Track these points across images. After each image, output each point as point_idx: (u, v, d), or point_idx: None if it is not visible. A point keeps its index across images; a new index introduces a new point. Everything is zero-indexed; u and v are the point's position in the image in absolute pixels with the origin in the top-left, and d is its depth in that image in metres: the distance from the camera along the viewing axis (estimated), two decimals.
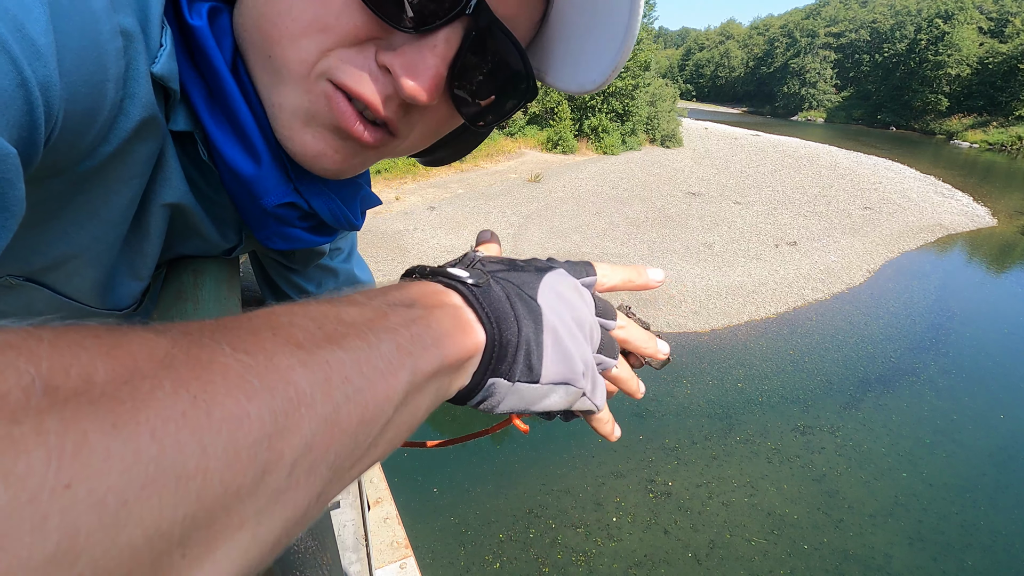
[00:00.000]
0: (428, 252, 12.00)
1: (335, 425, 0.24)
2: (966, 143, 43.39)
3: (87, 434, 0.15)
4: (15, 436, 0.14)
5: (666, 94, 29.29)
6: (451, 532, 5.89)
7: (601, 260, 0.48)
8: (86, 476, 0.15)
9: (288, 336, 0.24)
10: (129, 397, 0.17)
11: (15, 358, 0.16)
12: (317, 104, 0.42)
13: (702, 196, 18.57)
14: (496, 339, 0.38)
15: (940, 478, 7.08)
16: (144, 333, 0.20)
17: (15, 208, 0.28)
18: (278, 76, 0.42)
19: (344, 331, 0.27)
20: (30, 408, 0.15)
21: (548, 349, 0.40)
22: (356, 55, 0.40)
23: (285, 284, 0.77)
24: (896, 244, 15.33)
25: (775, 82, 70.12)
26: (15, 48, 0.26)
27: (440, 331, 0.33)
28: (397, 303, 0.33)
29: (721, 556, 5.81)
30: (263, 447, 0.20)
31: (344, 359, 0.25)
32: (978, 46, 50.49)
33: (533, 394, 0.40)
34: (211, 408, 0.19)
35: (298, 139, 0.43)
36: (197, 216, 0.50)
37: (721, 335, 10.11)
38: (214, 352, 0.21)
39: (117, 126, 0.36)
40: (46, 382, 0.16)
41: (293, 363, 0.23)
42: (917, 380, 9.19)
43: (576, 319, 0.42)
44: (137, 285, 0.52)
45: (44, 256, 0.41)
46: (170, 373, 0.19)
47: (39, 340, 0.17)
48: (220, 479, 0.18)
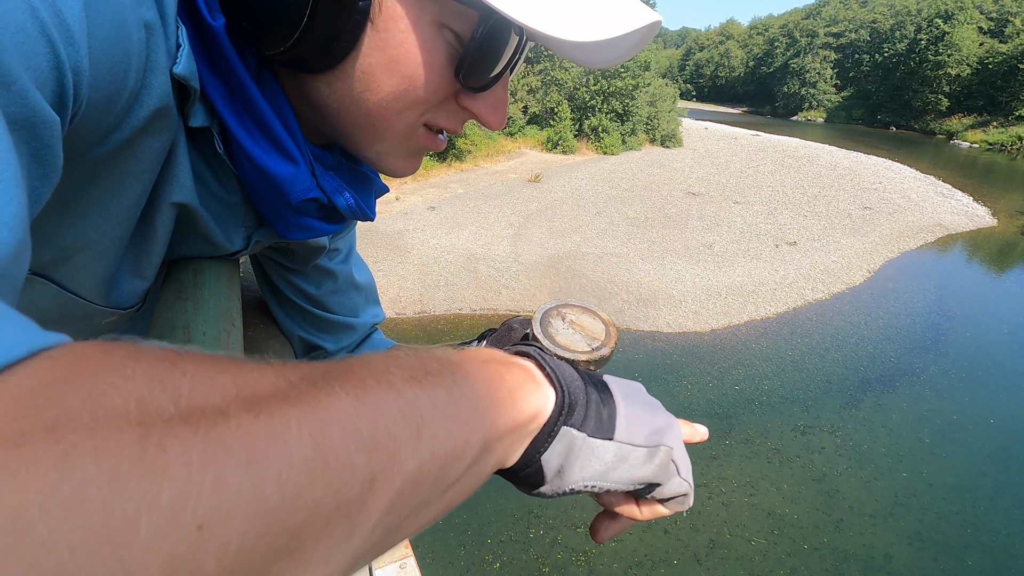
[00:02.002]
0: (428, 252, 12.00)
1: (417, 484, 0.24)
2: (966, 143, 43.36)
3: (224, 472, 0.16)
4: (159, 465, 0.15)
5: (666, 94, 29.29)
6: (451, 532, 5.89)
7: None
8: (218, 518, 0.16)
9: (387, 381, 0.25)
10: (259, 435, 0.18)
11: (159, 389, 0.17)
12: (416, 142, 0.51)
13: (702, 196, 18.57)
14: (564, 392, 0.38)
15: (940, 478, 7.08)
16: (266, 369, 0.22)
17: (52, 175, 0.30)
18: (383, 136, 0.49)
19: (433, 381, 0.27)
20: (172, 437, 0.16)
21: (621, 407, 0.41)
22: (445, 104, 0.49)
23: (284, 285, 0.77)
24: (896, 244, 15.32)
25: (775, 82, 70.10)
26: (53, 32, 0.27)
27: (513, 383, 0.34)
28: (474, 359, 0.34)
29: (721, 556, 5.81)
30: (359, 503, 0.21)
31: (433, 411, 0.26)
32: (978, 46, 50.46)
33: (608, 454, 0.39)
34: (327, 457, 0.20)
35: (401, 168, 0.52)
36: (203, 218, 0.51)
37: (721, 335, 10.11)
38: (330, 395, 0.22)
39: (132, 115, 0.38)
40: (186, 413, 0.17)
41: (395, 414, 0.24)
42: (917, 380, 9.19)
43: (646, 399, 0.45)
44: (141, 284, 0.53)
45: (52, 247, 0.42)
46: (294, 412, 0.20)
47: (183, 373, 0.18)
48: (318, 535, 0.19)
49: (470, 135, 20.25)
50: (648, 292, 11.26)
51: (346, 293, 0.82)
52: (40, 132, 0.27)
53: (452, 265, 11.58)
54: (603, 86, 25.31)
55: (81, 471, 0.14)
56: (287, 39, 0.41)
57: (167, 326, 0.49)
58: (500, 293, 10.75)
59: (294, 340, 0.82)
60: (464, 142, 19.95)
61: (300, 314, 0.80)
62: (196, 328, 0.49)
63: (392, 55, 0.43)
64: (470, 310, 10.22)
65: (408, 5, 0.42)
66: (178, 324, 0.49)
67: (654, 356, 9.30)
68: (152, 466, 0.15)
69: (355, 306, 0.84)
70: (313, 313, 0.79)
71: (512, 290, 10.86)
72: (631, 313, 10.49)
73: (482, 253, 12.29)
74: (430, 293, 10.55)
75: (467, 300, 10.45)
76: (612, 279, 11.66)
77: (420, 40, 0.43)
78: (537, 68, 24.90)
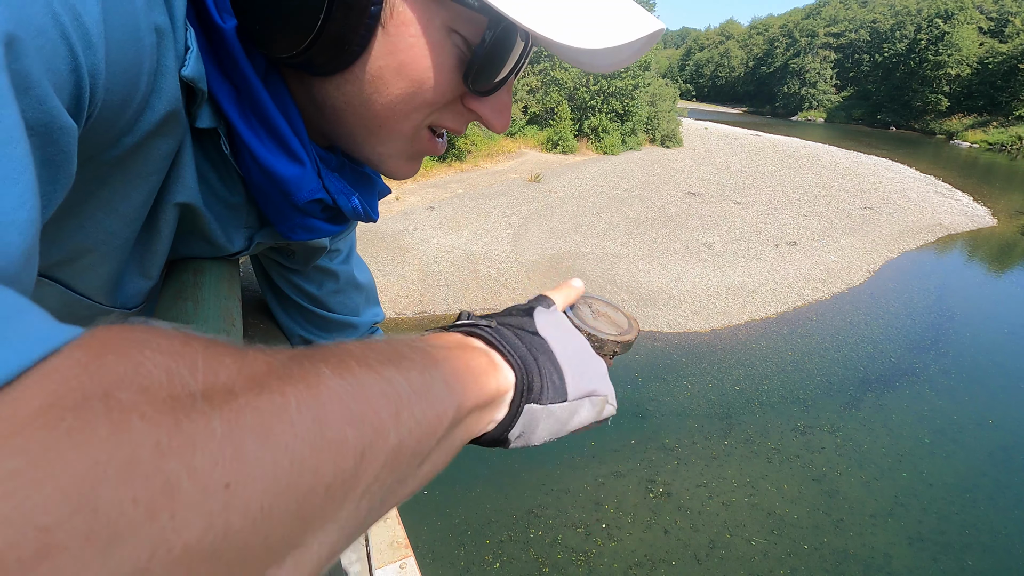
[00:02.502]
0: (428, 252, 12.00)
1: (398, 456, 0.26)
2: (966, 143, 43.34)
3: (243, 443, 0.19)
4: (191, 434, 0.17)
5: (666, 94, 29.28)
6: (451, 532, 5.89)
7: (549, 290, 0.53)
8: (241, 481, 0.18)
9: (367, 363, 0.27)
10: (266, 411, 0.20)
11: (181, 366, 0.19)
12: (419, 145, 0.51)
13: (702, 196, 18.57)
14: (522, 371, 0.41)
15: (940, 478, 7.08)
16: (259, 351, 0.24)
17: (65, 181, 0.30)
18: (388, 137, 0.49)
19: (408, 365, 0.30)
20: (197, 411, 0.18)
21: (566, 368, 0.44)
22: (451, 108, 0.49)
23: (285, 284, 0.77)
24: (896, 244, 15.32)
25: (775, 82, 70.08)
26: (73, 36, 0.28)
27: (478, 369, 0.37)
28: (438, 345, 0.36)
29: (721, 556, 5.81)
30: (352, 473, 0.23)
31: (409, 391, 0.28)
32: (978, 46, 50.44)
33: (564, 412, 0.44)
34: (324, 430, 0.22)
35: (402, 171, 0.53)
36: (205, 218, 0.52)
37: (721, 335, 10.11)
38: (319, 375, 0.24)
39: (143, 118, 0.38)
40: (204, 389, 0.19)
41: (377, 393, 0.26)
42: (917, 380, 9.19)
43: (575, 339, 0.48)
44: (146, 283, 0.53)
45: (60, 249, 0.42)
46: (292, 390, 0.22)
47: (195, 352, 0.20)
48: (322, 501, 0.21)
49: (470, 135, 20.24)
50: (648, 292, 11.26)
51: (347, 293, 0.82)
52: (57, 137, 0.28)
53: (452, 265, 11.58)
54: (603, 86, 25.31)
55: (133, 438, 0.16)
56: (300, 43, 0.41)
57: None
58: (500, 293, 10.75)
59: (295, 339, 0.82)
60: (464, 142, 19.95)
61: (301, 313, 0.80)
62: (196, 328, 0.48)
63: (402, 59, 0.43)
64: (470, 310, 10.22)
65: (419, 10, 0.42)
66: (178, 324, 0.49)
67: (654, 356, 9.30)
68: (186, 435, 0.17)
69: (356, 306, 0.84)
70: (315, 312, 0.80)
71: (512, 290, 10.85)
72: (631, 313, 10.49)
73: (482, 253, 12.29)
74: (430, 293, 10.55)
75: (467, 300, 10.45)
76: (612, 279, 11.66)
77: (430, 44, 0.43)
78: (537, 68, 24.90)
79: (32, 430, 0.15)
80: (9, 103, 0.23)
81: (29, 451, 0.14)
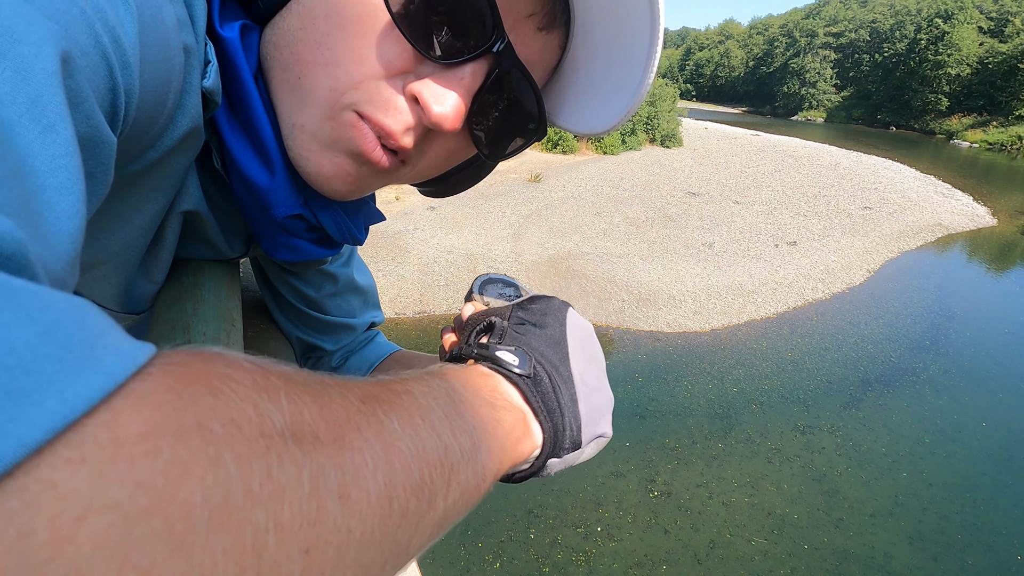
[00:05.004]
0: (428, 252, 11.99)
1: (442, 523, 0.29)
2: (966, 143, 43.35)
3: (325, 505, 0.19)
4: (281, 483, 0.17)
5: (666, 94, 29.27)
6: (451, 532, 5.83)
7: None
8: (320, 547, 0.18)
9: (430, 421, 0.29)
10: (348, 472, 0.21)
11: (266, 400, 0.20)
12: (340, 131, 0.42)
13: (702, 196, 18.56)
14: (551, 434, 0.43)
15: (940, 478, 7.08)
16: (331, 387, 0.25)
17: (101, 193, 0.31)
18: (304, 99, 0.42)
19: (460, 426, 0.32)
20: (288, 455, 0.18)
21: (585, 418, 0.45)
22: (385, 87, 0.41)
23: (284, 287, 0.77)
24: (896, 244, 15.32)
25: (775, 82, 70.09)
26: (112, 57, 0.28)
27: (515, 434, 0.39)
28: (484, 400, 0.38)
29: (721, 556, 5.81)
30: (406, 543, 0.25)
31: (460, 457, 0.30)
32: (978, 46, 50.45)
33: (573, 456, 0.46)
34: (393, 501, 0.23)
35: (314, 160, 0.44)
36: (208, 224, 0.52)
37: (721, 335, 10.11)
38: (392, 433, 0.25)
39: (166, 135, 0.38)
40: (291, 430, 0.20)
41: (435, 461, 0.28)
42: (917, 380, 9.19)
43: (598, 365, 0.49)
44: (152, 288, 0.53)
45: None
46: (369, 449, 0.23)
47: (276, 387, 0.21)
48: (380, 572, 0.22)
49: None
50: (648, 292, 11.26)
51: (345, 296, 0.81)
52: (99, 152, 0.28)
53: (452, 265, 11.58)
54: None
55: (228, 477, 0.16)
56: None
57: (167, 326, 0.49)
58: None
59: (293, 340, 0.82)
60: None
61: (298, 316, 0.80)
62: (196, 328, 0.49)
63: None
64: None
65: None
66: (178, 324, 0.49)
67: (654, 356, 9.30)
68: (277, 484, 0.17)
69: (353, 309, 0.84)
70: (311, 315, 0.79)
71: None
72: (631, 313, 10.49)
73: (482, 253, 12.29)
74: (430, 293, 10.55)
75: None
76: (612, 279, 11.65)
77: None
78: None
79: (133, 460, 0.15)
80: (66, 117, 0.23)
81: (131, 483, 0.14)
